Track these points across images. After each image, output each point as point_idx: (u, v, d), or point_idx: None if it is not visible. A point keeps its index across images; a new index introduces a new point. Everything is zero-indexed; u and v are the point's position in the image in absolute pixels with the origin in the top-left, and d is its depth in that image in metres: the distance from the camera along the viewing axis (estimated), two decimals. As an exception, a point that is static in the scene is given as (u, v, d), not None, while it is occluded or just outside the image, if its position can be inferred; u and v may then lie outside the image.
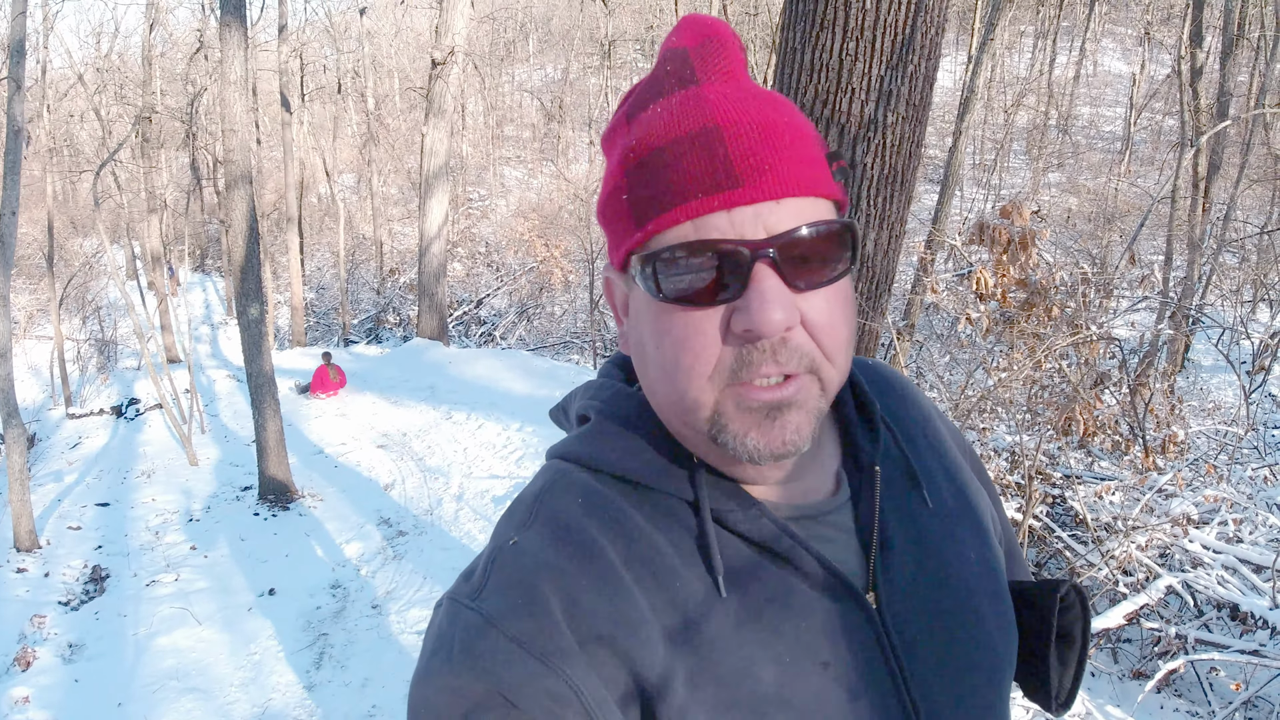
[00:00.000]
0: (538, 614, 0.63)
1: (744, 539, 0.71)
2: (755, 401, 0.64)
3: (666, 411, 0.71)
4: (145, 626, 5.70)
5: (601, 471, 0.73)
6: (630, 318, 0.72)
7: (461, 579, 0.70)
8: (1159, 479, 4.62)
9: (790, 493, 0.74)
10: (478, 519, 6.97)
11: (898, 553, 0.75)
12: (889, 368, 0.93)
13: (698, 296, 0.63)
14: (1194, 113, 10.54)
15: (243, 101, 7.20)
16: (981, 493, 0.87)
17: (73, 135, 27.27)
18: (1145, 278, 7.57)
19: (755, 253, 0.62)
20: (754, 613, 0.68)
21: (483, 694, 0.61)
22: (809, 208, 0.64)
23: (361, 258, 25.25)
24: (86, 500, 8.55)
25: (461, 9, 13.34)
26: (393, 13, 34.10)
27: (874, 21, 2.20)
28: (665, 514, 0.71)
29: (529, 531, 0.69)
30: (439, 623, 0.67)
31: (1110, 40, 41.85)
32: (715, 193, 0.62)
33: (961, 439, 0.93)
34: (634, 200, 0.66)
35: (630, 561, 0.68)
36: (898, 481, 0.80)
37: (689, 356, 0.64)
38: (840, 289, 0.67)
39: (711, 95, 0.66)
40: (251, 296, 7.46)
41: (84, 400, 15.31)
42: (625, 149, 0.68)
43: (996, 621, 0.78)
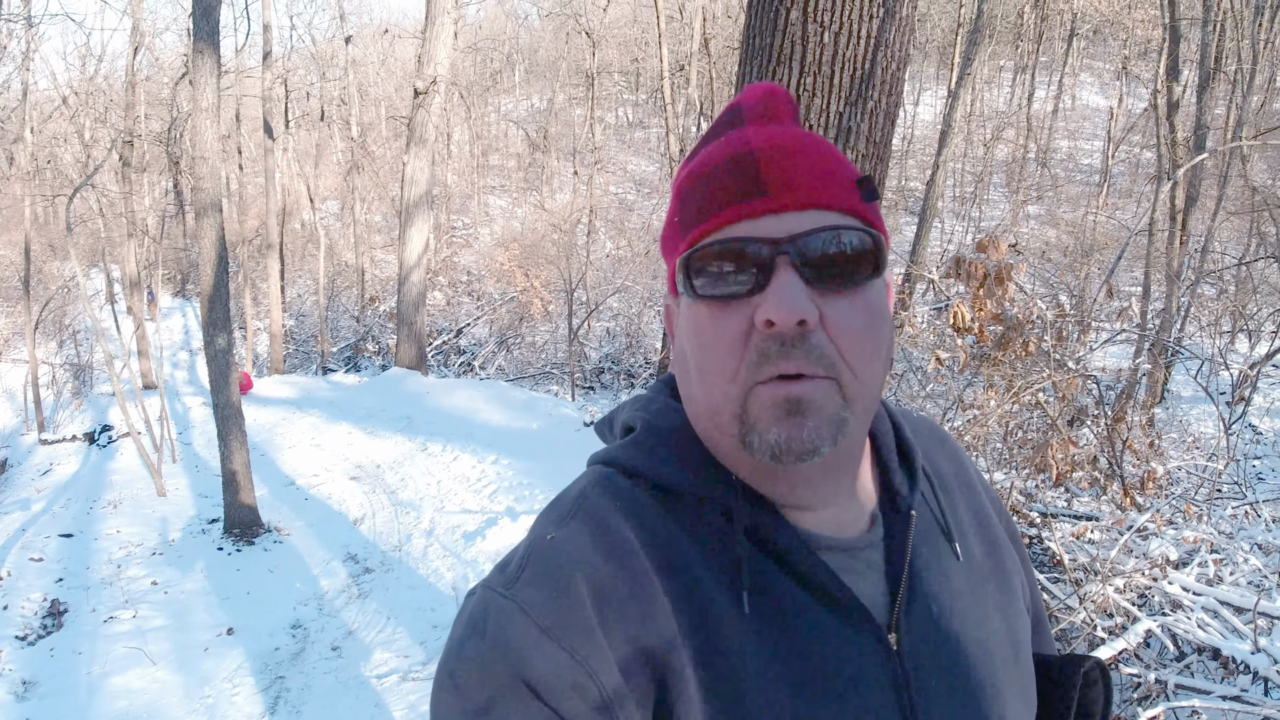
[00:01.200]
0: (569, 607, 0.66)
1: (774, 560, 0.72)
2: (776, 395, 0.66)
3: (704, 420, 0.74)
4: (100, 665, 5.51)
5: (642, 478, 0.76)
6: (676, 333, 0.77)
7: (497, 569, 0.73)
8: (1138, 518, 4.54)
9: (824, 523, 0.75)
10: (447, 555, 6.82)
11: (923, 599, 0.76)
12: (932, 422, 0.95)
13: (726, 294, 0.68)
14: (1171, 146, 10.61)
15: (214, 129, 7.11)
16: (1014, 557, 0.88)
17: (56, 157, 27.09)
18: (1123, 310, 7.55)
19: (776, 249, 0.67)
20: (776, 633, 0.69)
21: (508, 679, 0.64)
22: (835, 220, 0.69)
23: (343, 285, 25.11)
24: (51, 530, 8.32)
25: (444, 39, 13.35)
26: (378, 42, 34.23)
27: (832, 56, 2.13)
28: (700, 526, 0.73)
29: (567, 528, 0.72)
30: (472, 609, 0.70)
31: (1088, 75, 42.43)
32: (743, 201, 0.69)
33: (998, 502, 0.93)
34: (681, 219, 0.74)
35: (661, 567, 0.70)
36: (931, 531, 0.81)
37: (718, 353, 0.68)
38: (867, 299, 0.69)
39: (753, 132, 0.73)
40: (219, 326, 7.33)
41: (57, 426, 15.06)
42: (678, 183, 0.77)
43: (1015, 687, 0.78)
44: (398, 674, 5.06)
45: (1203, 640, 3.85)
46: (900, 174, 31.40)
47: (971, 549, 0.83)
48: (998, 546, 0.86)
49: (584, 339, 16.59)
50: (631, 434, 0.81)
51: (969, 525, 0.85)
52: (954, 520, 0.83)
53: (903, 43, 2.19)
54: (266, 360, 19.59)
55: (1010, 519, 0.93)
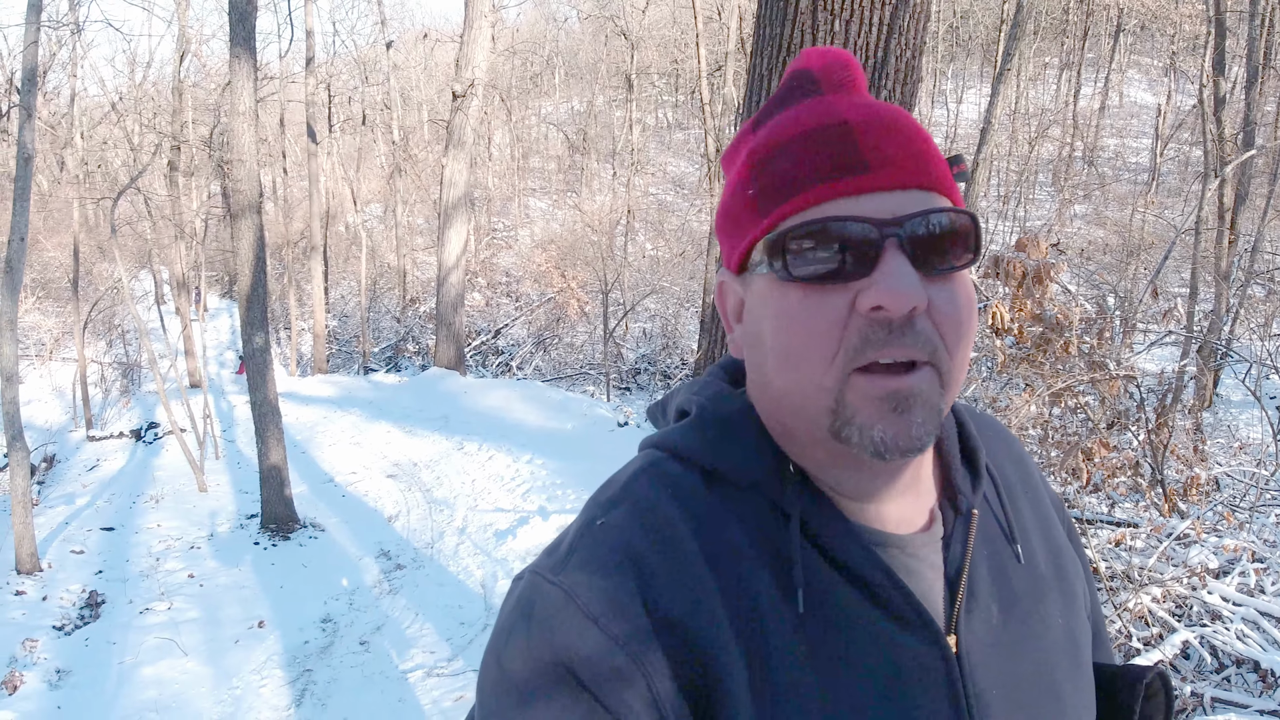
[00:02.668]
0: (616, 594, 0.65)
1: (828, 556, 0.69)
2: (882, 390, 0.63)
3: (781, 406, 0.70)
4: (132, 655, 5.62)
5: (694, 465, 0.74)
6: (747, 315, 0.73)
7: (546, 554, 0.72)
8: (1178, 525, 4.41)
9: (883, 518, 0.72)
10: (478, 553, 6.85)
11: (983, 602, 0.73)
12: (997, 422, 0.92)
13: (826, 275, 0.64)
14: (1218, 142, 10.32)
15: (251, 132, 7.22)
16: (1076, 563, 0.85)
17: (106, 161, 27.76)
18: (1169, 311, 7.36)
19: (885, 231, 0.63)
20: (826, 632, 0.67)
21: (553, 667, 0.63)
22: (933, 200, 0.66)
23: (385, 287, 25.42)
24: (93, 524, 8.53)
25: (482, 43, 13.45)
26: (420, 47, 34.61)
27: (843, 44, 2.09)
28: (753, 517, 0.71)
29: (616, 512, 0.71)
30: (519, 594, 0.69)
31: (1136, 71, 41.58)
32: (843, 178, 0.64)
33: (1062, 507, 0.90)
34: (759, 192, 0.69)
35: (711, 557, 0.68)
36: (992, 532, 0.78)
37: (814, 338, 0.64)
38: (964, 284, 0.67)
39: (839, 101, 0.69)
40: (257, 325, 7.44)
41: (105, 423, 15.42)
42: (750, 150, 0.71)
43: (1075, 696, 0.75)
44: (423, 669, 5.08)
45: (1242, 652, 3.72)
46: (943, 174, 30.93)
47: (1034, 552, 0.80)
48: (1060, 551, 0.83)
49: (620, 340, 16.61)
50: (686, 418, 0.78)
51: (1032, 528, 0.82)
52: (1017, 522, 0.81)
53: (917, 30, 2.13)
54: (310, 360, 19.88)
55: (1073, 524, 0.90)
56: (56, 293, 24.07)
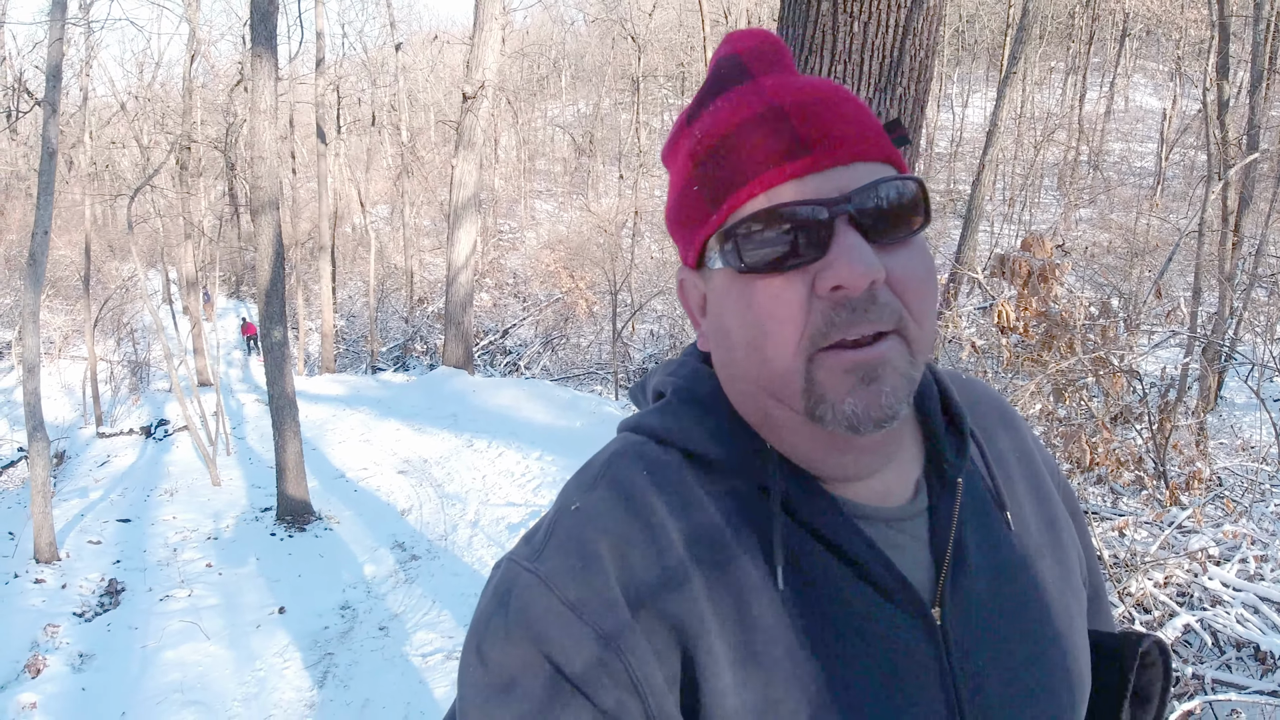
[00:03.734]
0: (593, 580, 0.64)
1: (810, 532, 0.69)
2: (848, 363, 0.63)
3: (756, 395, 0.70)
4: (155, 640, 5.74)
5: (672, 446, 0.73)
6: (710, 310, 0.73)
7: (523, 540, 0.71)
8: (1179, 514, 4.52)
9: (865, 492, 0.72)
10: (491, 545, 6.97)
11: (971, 573, 0.72)
12: (988, 385, 0.91)
13: (781, 261, 0.64)
14: (1222, 146, 10.43)
15: (271, 130, 7.36)
16: (1071, 530, 0.84)
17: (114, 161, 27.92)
18: (1171, 311, 7.46)
19: (834, 209, 0.63)
20: (810, 609, 0.67)
21: (533, 657, 0.63)
22: (877, 170, 0.66)
23: (392, 287, 25.58)
24: (108, 516, 8.65)
25: (492, 45, 13.57)
26: (428, 49, 34.78)
27: (862, 45, 2.21)
28: (731, 495, 0.70)
29: (591, 495, 0.70)
30: (497, 582, 0.68)
31: (1141, 76, 41.63)
32: (786, 162, 0.64)
33: (1058, 472, 0.89)
34: (705, 187, 0.68)
35: (690, 538, 0.67)
36: (981, 500, 0.77)
37: (777, 324, 0.64)
38: (920, 248, 0.67)
39: (769, 84, 0.68)
40: (276, 320, 7.57)
41: (115, 420, 15.56)
42: (690, 147, 0.70)
43: (1068, 665, 0.74)
44: (442, 653, 5.20)
45: (1242, 636, 3.83)
46: (949, 177, 31.11)
47: (1026, 519, 0.79)
48: (1055, 518, 0.82)
49: (628, 340, 16.72)
50: (662, 399, 0.78)
51: (1024, 495, 0.81)
52: (1006, 487, 0.79)
53: (930, 31, 2.26)
54: (318, 359, 20.04)
55: (1071, 492, 0.88)
56: (66, 290, 24.24)
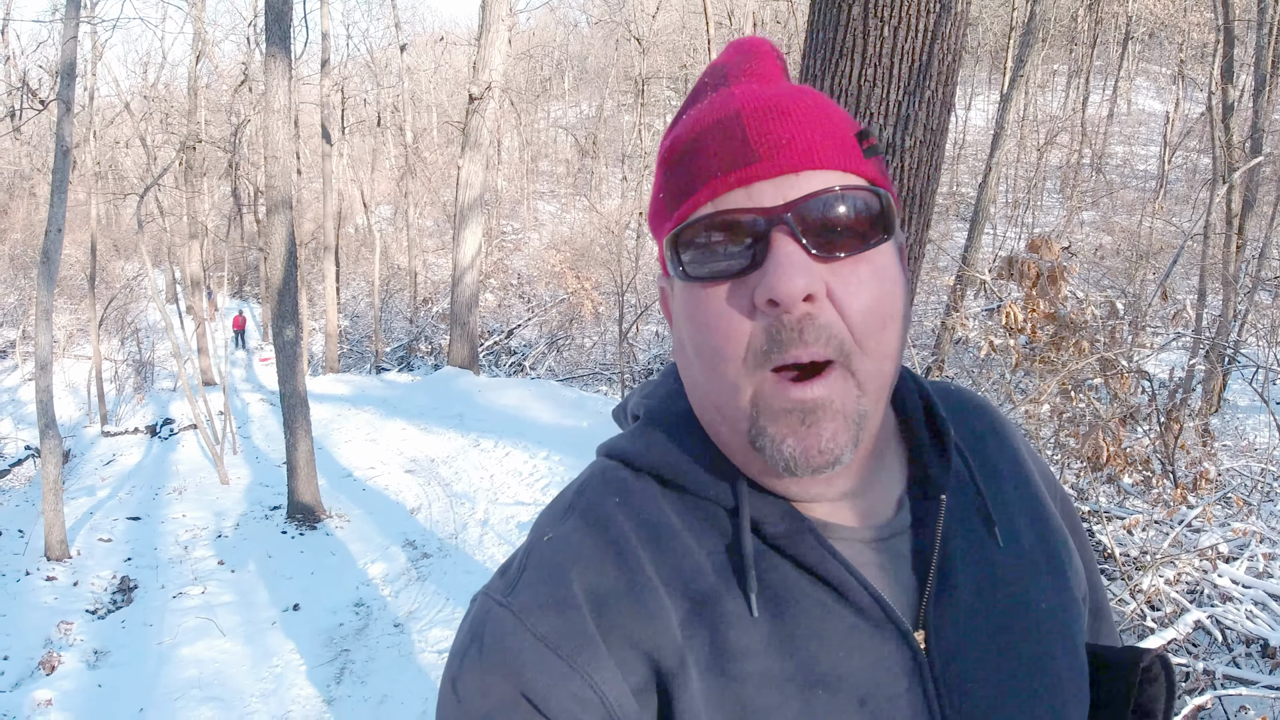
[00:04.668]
0: (567, 612, 0.63)
1: (785, 555, 0.67)
2: (788, 401, 0.60)
3: (709, 411, 0.68)
4: (170, 636, 5.77)
5: (644, 471, 0.72)
6: (674, 319, 0.71)
7: (498, 574, 0.70)
8: (1188, 513, 4.57)
9: (843, 512, 0.70)
10: (502, 543, 7.01)
11: (958, 591, 0.69)
12: (978, 395, 0.87)
13: (721, 272, 0.62)
14: (1226, 149, 10.48)
15: (285, 129, 7.41)
16: (1068, 542, 0.80)
17: (117, 161, 28.00)
18: (1177, 313, 7.51)
19: (771, 219, 0.60)
20: (788, 637, 0.65)
21: (508, 693, 0.61)
22: (835, 181, 0.62)
23: (396, 287, 25.61)
24: (118, 514, 8.68)
25: (499, 46, 13.62)
26: (432, 50, 34.84)
27: (891, 49, 2.26)
28: (704, 521, 0.69)
29: (563, 526, 0.69)
30: (472, 618, 0.67)
31: (1144, 79, 41.70)
32: (733, 170, 0.62)
33: (1054, 483, 0.85)
34: (668, 193, 0.67)
35: (661, 566, 0.66)
36: (968, 515, 0.74)
37: (719, 336, 0.62)
38: (876, 267, 0.63)
39: (738, 91, 0.66)
40: (288, 318, 7.62)
41: (119, 419, 15.60)
42: (661, 154, 0.69)
43: (1063, 686, 0.71)
44: (458, 650, 5.24)
45: (1251, 631, 3.88)
46: (951, 180, 31.15)
47: (1018, 534, 0.75)
48: (1049, 532, 0.78)
49: (633, 341, 16.76)
50: (636, 423, 0.77)
51: (1015, 508, 0.77)
52: (996, 501, 0.76)
53: (957, 36, 2.32)
54: (322, 359, 20.08)
55: (1070, 504, 0.85)
56: (70, 289, 24.30)
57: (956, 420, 0.78)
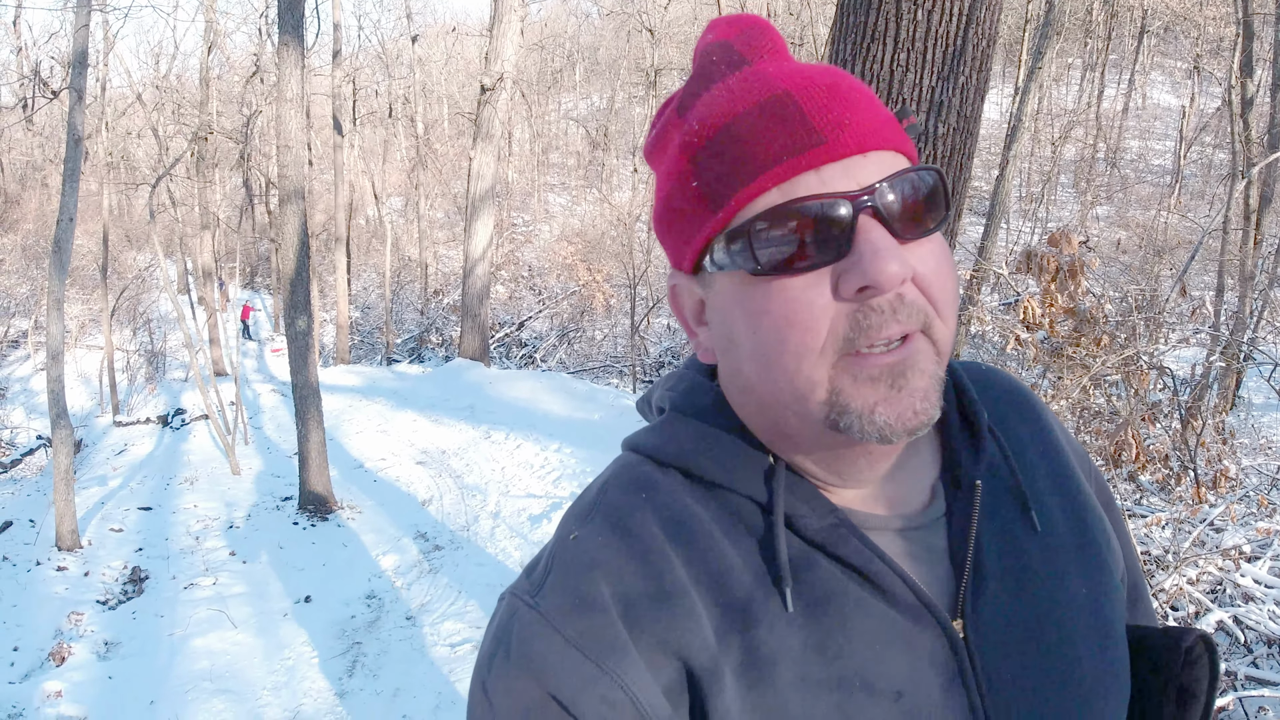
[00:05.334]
0: (595, 614, 0.62)
1: (818, 548, 0.66)
2: (874, 368, 0.59)
3: (769, 408, 0.66)
4: (181, 628, 5.76)
5: (670, 466, 0.70)
6: (712, 317, 0.68)
7: (524, 574, 0.69)
8: (1211, 512, 4.51)
9: (876, 502, 0.69)
10: (514, 536, 6.98)
11: (993, 580, 0.68)
12: (1009, 376, 0.85)
13: (800, 262, 0.59)
14: (1245, 144, 10.38)
15: (297, 119, 7.38)
16: (1104, 523, 0.78)
17: (129, 152, 28.05)
18: (1196, 309, 7.43)
19: (857, 204, 0.58)
20: (823, 630, 0.63)
21: (538, 696, 0.60)
22: (892, 161, 0.61)
23: (407, 279, 25.62)
24: (129, 504, 8.70)
25: (511, 36, 13.56)
26: (444, 41, 34.80)
27: (925, 33, 2.20)
28: (733, 515, 0.67)
29: (589, 525, 0.67)
30: (500, 618, 0.66)
31: (1159, 73, 41.36)
32: (800, 153, 0.59)
33: (1090, 464, 0.84)
34: (707, 183, 0.62)
35: (691, 562, 0.65)
36: (1002, 501, 0.73)
37: (797, 331, 0.59)
38: (941, 242, 0.63)
39: (770, 69, 0.63)
40: (300, 309, 7.59)
41: (131, 409, 15.65)
42: (684, 139, 0.64)
43: (1105, 668, 0.70)
44: (470, 644, 5.22)
45: (1273, 632, 3.82)
46: (962, 174, 30.86)
47: (1053, 519, 0.73)
48: (1086, 514, 0.76)
49: (645, 333, 16.72)
50: (661, 416, 0.75)
51: (1049, 489, 0.75)
52: (1030, 487, 0.74)
53: (993, 20, 2.26)
54: (333, 350, 20.10)
55: (1105, 484, 0.83)
56: (83, 280, 24.38)
57: (988, 401, 0.77)
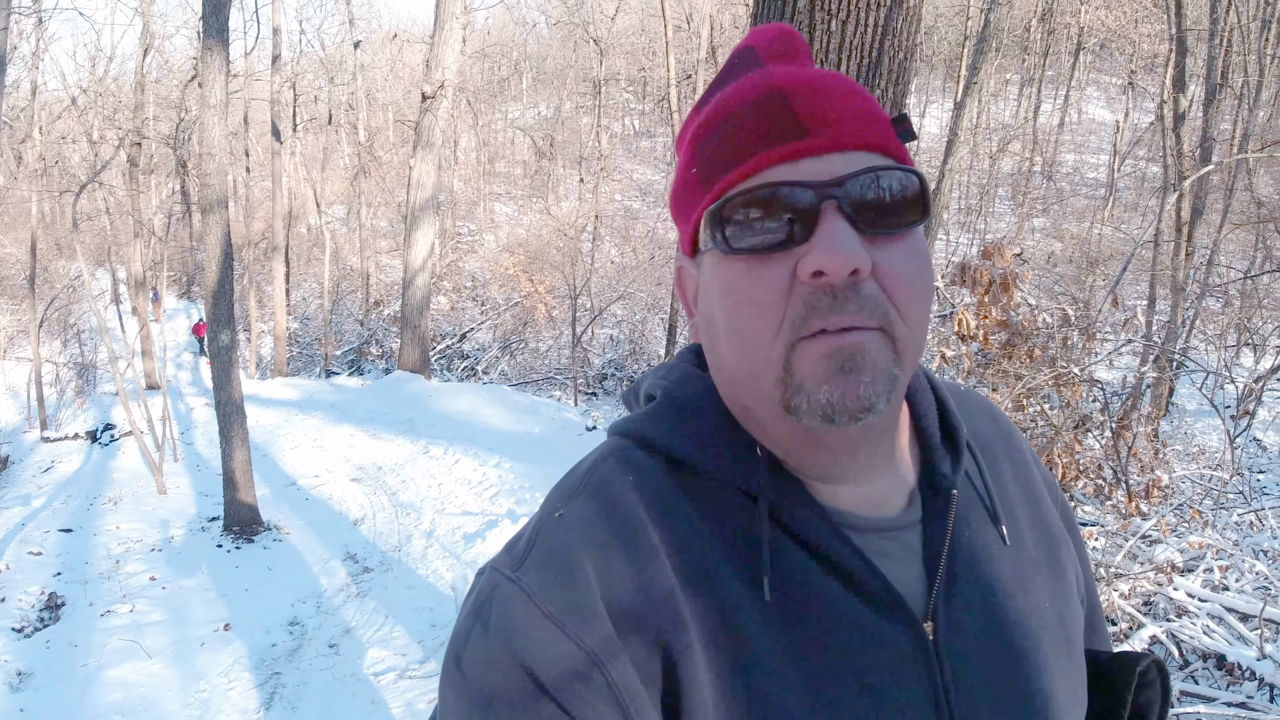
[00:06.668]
0: (575, 590, 0.63)
1: (798, 541, 0.67)
2: (827, 348, 0.61)
3: (738, 386, 0.68)
4: (95, 658, 5.49)
5: (658, 452, 0.71)
6: (700, 297, 0.71)
7: (506, 548, 0.69)
8: (1143, 525, 4.51)
9: (857, 501, 0.70)
10: (447, 556, 6.80)
11: (964, 586, 0.70)
12: (986, 400, 0.89)
13: (765, 245, 0.63)
14: (1177, 158, 10.61)
15: (222, 126, 7.12)
16: (1069, 545, 0.82)
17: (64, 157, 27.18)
18: (1128, 320, 7.53)
19: (821, 193, 0.61)
20: (797, 620, 0.65)
21: (512, 668, 0.61)
22: (879, 161, 0.64)
23: (348, 289, 25.16)
24: (50, 525, 8.31)
25: (453, 44, 13.40)
26: (387, 47, 34.38)
27: (839, 45, 2.12)
28: (717, 503, 0.69)
29: (574, 503, 0.69)
30: (479, 591, 0.67)
31: (1095, 89, 42.56)
32: (781, 143, 0.63)
33: (1056, 489, 0.87)
34: (702, 168, 0.68)
35: (673, 546, 0.66)
36: (975, 512, 0.75)
37: (757, 308, 0.63)
38: (914, 244, 0.65)
39: (776, 70, 0.67)
40: (224, 323, 7.33)
41: (60, 424, 15.08)
42: (694, 131, 0.70)
43: (1064, 684, 0.72)
44: (395, 672, 5.03)
45: (1208, 646, 3.81)
46: (905, 186, 31.34)
47: (1021, 534, 0.77)
48: (1051, 532, 0.80)
49: (588, 345, 16.60)
50: (651, 403, 0.76)
51: (1020, 508, 0.79)
52: (1002, 501, 0.77)
53: (910, 32, 2.18)
54: (270, 363, 19.66)
55: (1067, 506, 0.87)
56: (11, 290, 23.55)
57: (967, 419, 0.80)
